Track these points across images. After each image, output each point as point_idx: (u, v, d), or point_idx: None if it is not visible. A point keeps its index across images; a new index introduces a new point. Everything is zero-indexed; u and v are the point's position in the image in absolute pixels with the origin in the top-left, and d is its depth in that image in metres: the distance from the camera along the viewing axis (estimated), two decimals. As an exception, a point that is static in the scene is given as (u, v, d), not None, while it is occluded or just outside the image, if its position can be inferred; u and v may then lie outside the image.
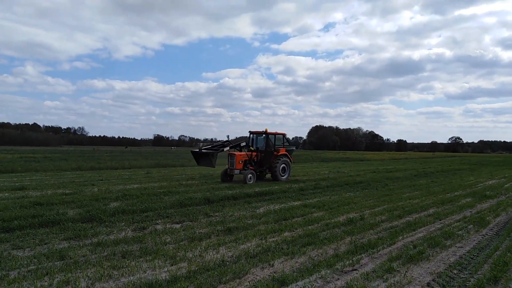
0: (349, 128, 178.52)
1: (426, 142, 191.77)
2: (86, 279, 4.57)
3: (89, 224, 7.60)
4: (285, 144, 18.21)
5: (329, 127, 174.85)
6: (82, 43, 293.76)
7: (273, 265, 5.27)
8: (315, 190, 13.85)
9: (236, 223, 7.85)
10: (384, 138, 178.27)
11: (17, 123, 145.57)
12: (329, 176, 20.42)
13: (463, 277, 5.01)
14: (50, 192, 11.87)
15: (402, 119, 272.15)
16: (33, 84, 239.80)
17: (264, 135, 17.36)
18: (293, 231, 7.36)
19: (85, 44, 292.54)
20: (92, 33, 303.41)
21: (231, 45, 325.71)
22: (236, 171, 16.18)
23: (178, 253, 5.69)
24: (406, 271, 5.16)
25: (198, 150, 16.31)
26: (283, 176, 17.21)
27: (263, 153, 17.23)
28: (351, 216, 8.80)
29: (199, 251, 5.85)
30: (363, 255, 5.88)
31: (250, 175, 15.91)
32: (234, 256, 5.64)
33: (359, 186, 15.56)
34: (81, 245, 6.12)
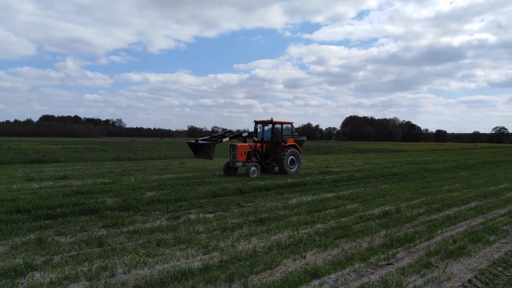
0: (385, 119, 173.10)
1: (467, 132, 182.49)
2: (123, 266, 4.72)
3: (126, 212, 7.87)
4: (293, 134, 16.88)
5: (364, 117, 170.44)
6: (118, 37, 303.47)
7: (305, 257, 5.22)
8: (349, 182, 13.58)
9: (268, 214, 7.84)
10: (422, 128, 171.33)
11: (60, 115, 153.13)
12: (364, 167, 19.96)
13: (508, 275, 4.73)
14: (90, 182, 12.40)
15: (441, 109, 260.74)
16: (73, 78, 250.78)
17: (270, 124, 16.10)
18: (326, 223, 7.25)
19: (121, 38, 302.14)
20: (128, 27, 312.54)
21: (262, 36, 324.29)
22: (239, 164, 15.09)
23: (211, 243, 5.76)
24: (445, 267, 4.94)
25: (194, 141, 15.27)
26: (291, 168, 16.04)
27: (269, 144, 16.07)
28: (387, 209, 8.54)
29: (231, 241, 5.89)
30: (399, 249, 5.69)
31: (253, 168, 14.84)
32: (266, 246, 5.63)
33: (395, 178, 15.08)
34: (119, 232, 6.35)
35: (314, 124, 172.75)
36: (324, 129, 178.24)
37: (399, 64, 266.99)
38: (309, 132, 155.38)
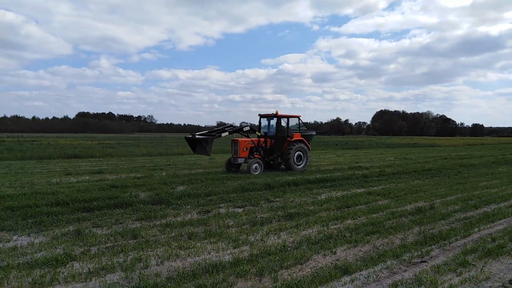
0: (417, 112, 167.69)
1: (506, 126, 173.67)
2: (156, 258, 4.86)
3: (158, 206, 8.08)
4: (301, 128, 15.85)
5: (395, 111, 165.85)
6: (149, 35, 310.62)
7: (335, 253, 5.17)
8: (380, 177, 13.29)
9: (297, 209, 7.81)
10: (457, 122, 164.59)
11: (95, 112, 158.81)
12: (395, 162, 19.47)
13: (552, 276, 4.48)
14: (124, 176, 12.81)
15: (478, 102, 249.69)
16: (107, 76, 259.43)
17: (275, 118, 15.21)
18: (356, 219, 7.15)
19: (152, 36, 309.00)
20: (158, 25, 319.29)
21: (290, 30, 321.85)
22: (240, 160, 14.29)
23: (241, 237, 5.81)
24: (483, 266, 4.75)
25: (191, 136, 14.35)
26: (298, 165, 15.07)
27: (274, 139, 15.09)
28: (420, 205, 8.30)
29: (261, 235, 5.93)
30: (433, 246, 5.52)
31: (256, 164, 13.94)
32: (296, 241, 5.62)
33: (429, 174, 14.61)
34: (151, 225, 6.53)
35: (343, 119, 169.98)
36: (353, 124, 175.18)
37: (432, 55, 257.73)
38: (338, 127, 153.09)
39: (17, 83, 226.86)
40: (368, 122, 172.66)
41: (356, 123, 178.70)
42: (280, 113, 14.96)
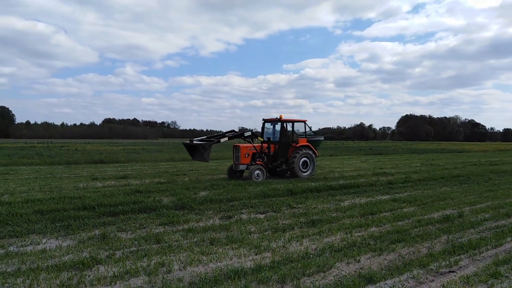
0: (445, 117, 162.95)
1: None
2: (179, 263, 4.90)
3: (181, 211, 8.16)
4: (307, 133, 15.21)
5: (421, 116, 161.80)
6: (172, 42, 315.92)
7: (359, 261, 5.06)
8: (406, 184, 12.97)
9: (320, 216, 7.72)
10: (487, 127, 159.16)
11: (120, 118, 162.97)
12: (422, 168, 18.96)
13: None
14: (148, 181, 13.04)
15: (509, 105, 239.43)
16: (132, 83, 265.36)
17: (279, 123, 14.61)
18: (381, 226, 6.98)
19: (175, 43, 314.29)
20: (181, 32, 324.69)
21: (311, 35, 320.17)
22: (242, 166, 13.72)
23: (262, 243, 5.79)
24: (517, 278, 4.53)
25: (189, 141, 13.73)
26: (304, 172, 14.44)
27: (278, 144, 14.45)
28: (448, 213, 8.03)
29: (283, 242, 5.88)
30: (462, 256, 5.32)
31: (257, 171, 13.44)
32: (318, 249, 5.55)
33: (457, 180, 14.14)
34: (174, 230, 6.60)
35: (367, 124, 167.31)
36: (377, 129, 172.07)
37: (459, 58, 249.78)
38: (362, 132, 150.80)
39: (46, 90, 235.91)
40: (393, 127, 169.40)
41: (380, 128, 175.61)
42: (289, 117, 14.74)
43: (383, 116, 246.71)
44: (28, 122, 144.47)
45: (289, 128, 14.84)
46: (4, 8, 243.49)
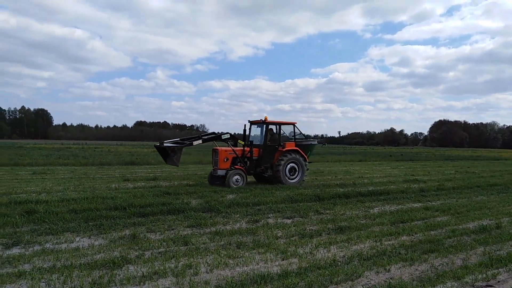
0: (481, 123, 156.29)
1: None
2: (206, 265, 4.94)
3: (208, 213, 8.24)
4: (297, 137, 14.17)
5: (455, 121, 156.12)
6: (201, 47, 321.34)
7: (389, 270, 4.91)
8: (439, 192, 12.50)
9: (348, 223, 7.56)
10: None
11: (151, 121, 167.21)
12: (456, 176, 18.23)
13: None
14: (177, 183, 13.27)
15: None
16: (162, 87, 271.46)
17: (263, 125, 13.55)
18: (412, 235, 6.75)
19: (204, 48, 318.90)
20: (209, 37, 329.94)
21: (340, 39, 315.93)
22: (220, 172, 12.60)
23: (289, 248, 5.73)
24: (561, 295, 4.25)
25: (159, 144, 12.75)
26: (292, 179, 13.37)
27: (262, 148, 13.40)
28: (484, 223, 7.66)
29: (310, 248, 5.80)
30: (500, 269, 5.04)
31: (236, 176, 12.43)
32: (346, 256, 5.43)
33: (494, 189, 13.48)
34: (202, 233, 6.67)
35: (398, 129, 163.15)
36: (409, 134, 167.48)
37: (497, 62, 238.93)
38: (392, 137, 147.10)
39: (82, 94, 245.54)
40: (425, 133, 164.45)
41: (412, 134, 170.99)
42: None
43: (415, 121, 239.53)
44: (64, 124, 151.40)
45: (277, 131, 13.78)
46: (45, 16, 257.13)
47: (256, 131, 14.39)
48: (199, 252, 5.51)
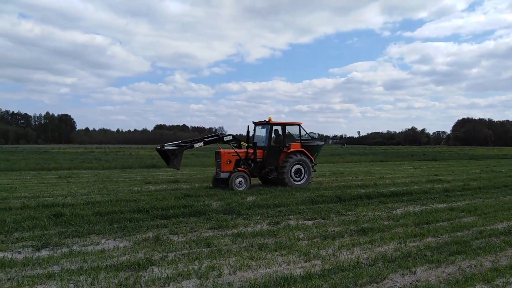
0: (507, 120, 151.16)
1: None
2: (229, 267, 4.96)
3: (229, 215, 8.27)
4: (303, 138, 13.77)
5: (480, 119, 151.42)
6: (219, 50, 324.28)
7: (415, 273, 4.81)
8: (464, 192, 12.16)
9: (371, 224, 7.46)
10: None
11: (170, 124, 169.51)
12: (481, 176, 17.70)
13: None
14: (197, 186, 13.39)
15: None
16: (180, 90, 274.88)
17: (268, 126, 13.22)
18: (438, 237, 6.59)
19: (221, 51, 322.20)
20: (227, 40, 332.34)
21: (358, 38, 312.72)
22: (223, 174, 12.37)
23: (312, 250, 5.69)
24: None
25: (160, 146, 12.60)
26: (297, 181, 13.10)
27: (267, 150, 13.09)
28: (514, 224, 7.40)
29: (333, 250, 5.75)
30: (532, 272, 4.86)
31: (240, 179, 12.18)
32: (370, 258, 5.35)
33: (523, 189, 13.01)
34: (223, 234, 6.70)
35: (419, 128, 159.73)
36: (431, 134, 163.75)
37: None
38: (414, 136, 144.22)
39: (103, 99, 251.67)
40: (448, 132, 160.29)
41: (434, 133, 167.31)
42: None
43: (437, 120, 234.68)
44: (87, 129, 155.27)
45: (279, 132, 13.48)
46: (68, 24, 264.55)
47: (261, 132, 14.08)
48: (221, 254, 5.54)
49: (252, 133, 13.88)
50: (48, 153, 41.19)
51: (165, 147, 12.39)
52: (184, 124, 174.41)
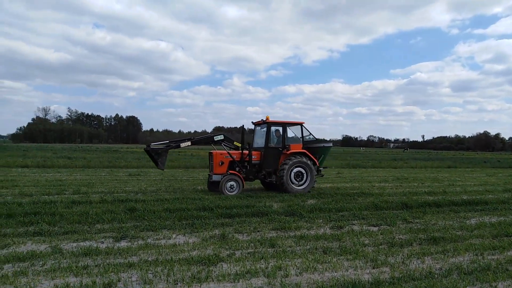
0: None
1: None
2: (295, 268, 5.01)
3: (291, 217, 8.32)
4: (306, 139, 12.83)
5: None
6: (276, 53, 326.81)
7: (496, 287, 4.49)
8: (549, 203, 11.00)
9: (442, 233, 7.05)
10: None
11: (228, 126, 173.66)
12: None
13: None
14: (257, 186, 13.62)
15: None
16: (238, 93, 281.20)
17: (266, 125, 12.41)
18: (520, 251, 6.06)
19: (278, 53, 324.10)
20: (284, 43, 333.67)
21: (422, 37, 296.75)
22: (216, 177, 11.64)
23: (379, 257, 5.54)
24: None
25: (146, 146, 11.93)
26: (298, 185, 12.08)
27: (264, 151, 12.29)
28: None
29: (402, 258, 5.54)
30: None
31: (231, 182, 11.37)
32: (443, 269, 5.08)
33: None
34: (287, 236, 6.76)
35: (492, 133, 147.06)
36: (507, 139, 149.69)
37: None
38: (486, 141, 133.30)
39: (166, 102, 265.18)
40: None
41: (510, 138, 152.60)
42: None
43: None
44: (152, 130, 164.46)
45: (279, 132, 12.75)
46: (135, 31, 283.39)
47: (261, 133, 13.28)
48: (286, 254, 5.61)
49: (253, 134, 13.47)
50: (118, 152, 44.36)
51: (151, 147, 11.98)
52: (241, 126, 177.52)
